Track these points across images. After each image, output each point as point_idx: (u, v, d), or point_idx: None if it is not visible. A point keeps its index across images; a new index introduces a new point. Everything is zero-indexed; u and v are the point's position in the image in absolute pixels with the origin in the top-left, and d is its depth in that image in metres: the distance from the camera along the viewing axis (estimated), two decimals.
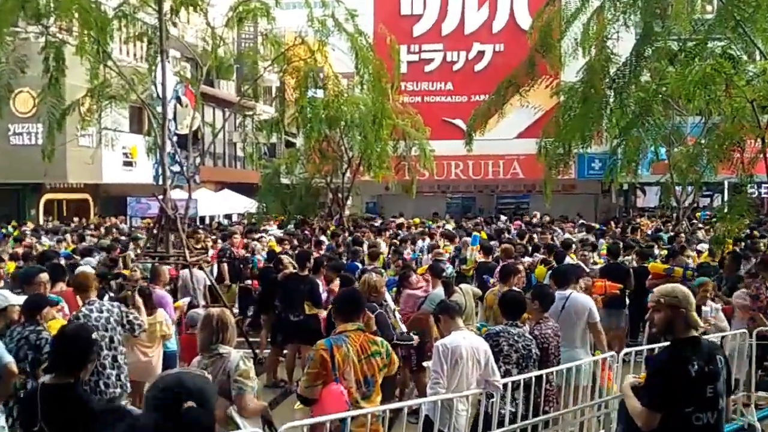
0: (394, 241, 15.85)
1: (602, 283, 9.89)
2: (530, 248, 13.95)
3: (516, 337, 5.95)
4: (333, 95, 17.89)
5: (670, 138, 18.68)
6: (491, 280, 10.52)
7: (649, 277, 10.94)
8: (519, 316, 6.17)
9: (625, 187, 27.49)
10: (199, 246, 13.15)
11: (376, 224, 20.95)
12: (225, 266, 12.83)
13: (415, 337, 7.70)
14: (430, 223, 21.96)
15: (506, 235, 17.30)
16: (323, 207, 22.80)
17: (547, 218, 22.51)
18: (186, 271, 10.40)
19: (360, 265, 11.13)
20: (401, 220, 23.03)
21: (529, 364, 5.94)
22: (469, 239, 13.82)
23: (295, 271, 9.74)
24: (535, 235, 16.68)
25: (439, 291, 8.59)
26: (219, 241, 15.07)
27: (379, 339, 5.11)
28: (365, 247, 13.18)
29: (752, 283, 9.30)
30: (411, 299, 8.77)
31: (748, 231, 16.41)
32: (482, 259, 12.30)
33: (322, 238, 15.74)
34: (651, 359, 5.38)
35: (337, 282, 9.36)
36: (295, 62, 15.32)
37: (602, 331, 7.60)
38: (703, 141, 16.99)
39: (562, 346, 6.68)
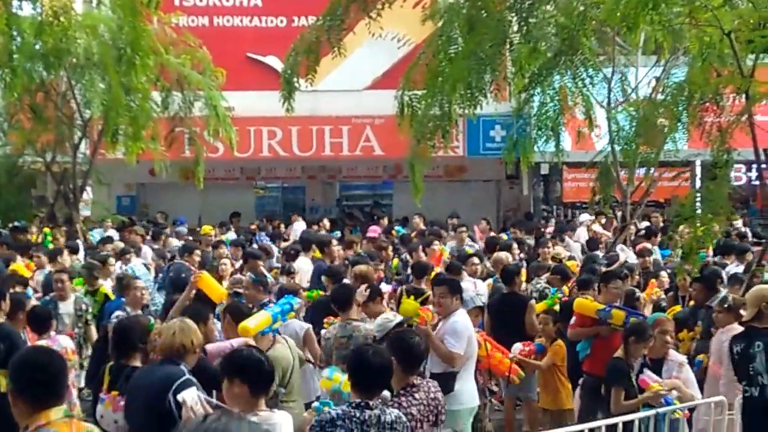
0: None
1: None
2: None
3: (365, 426, 6.01)
4: (52, 13, 17.49)
5: (610, 91, 19.27)
6: None
7: (572, 320, 11.25)
8: (377, 389, 6.25)
9: (544, 169, 27.94)
10: None
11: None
12: None
13: None
14: (223, 237, 21.24)
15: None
16: (43, 204, 22.85)
17: (418, 222, 22.66)
18: None
19: None
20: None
21: None
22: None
23: None
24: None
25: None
26: None
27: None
28: None
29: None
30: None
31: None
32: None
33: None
34: None
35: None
36: None
37: None
38: (659, 95, 17.69)
39: None
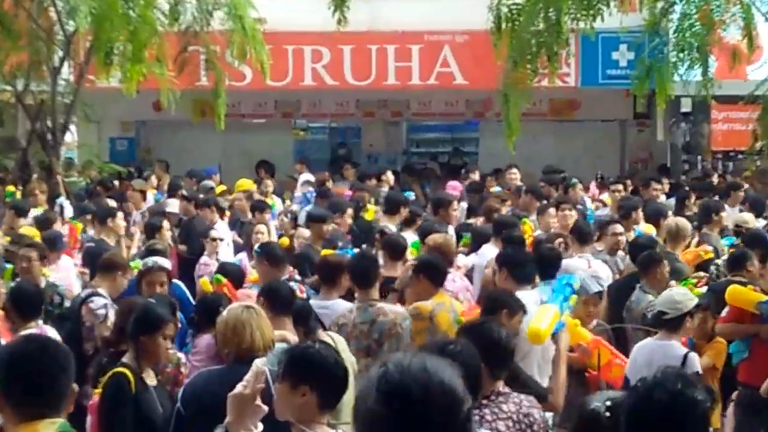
0: None
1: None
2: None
3: None
4: None
5: None
6: None
7: (725, 310, 11.15)
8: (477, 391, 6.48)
9: (686, 106, 26.02)
10: None
11: None
12: None
13: None
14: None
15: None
16: (12, 148, 23.11)
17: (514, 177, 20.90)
18: None
19: None
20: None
21: None
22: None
23: None
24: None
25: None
26: None
27: None
28: None
29: None
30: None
31: None
32: None
33: None
34: None
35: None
36: None
37: None
38: None
39: None
